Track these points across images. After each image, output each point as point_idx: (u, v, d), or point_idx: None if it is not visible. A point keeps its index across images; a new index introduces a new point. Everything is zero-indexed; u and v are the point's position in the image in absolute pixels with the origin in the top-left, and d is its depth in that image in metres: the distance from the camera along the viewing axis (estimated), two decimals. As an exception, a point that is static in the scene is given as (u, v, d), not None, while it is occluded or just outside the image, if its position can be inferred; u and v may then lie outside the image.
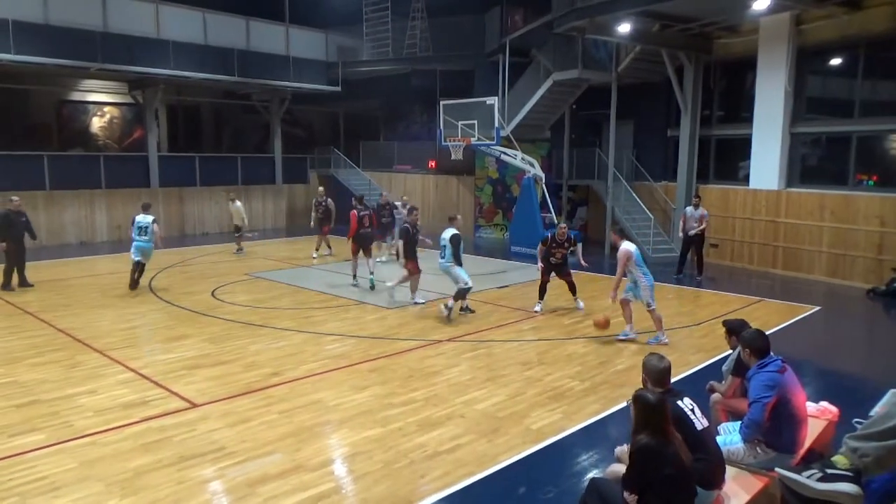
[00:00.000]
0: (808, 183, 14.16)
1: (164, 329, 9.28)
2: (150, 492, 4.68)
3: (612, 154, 16.93)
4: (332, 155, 25.03)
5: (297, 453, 5.33)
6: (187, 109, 24.37)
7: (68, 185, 18.28)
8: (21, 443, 5.46)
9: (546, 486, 4.88)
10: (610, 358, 8.08)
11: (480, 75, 20.76)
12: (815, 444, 4.76)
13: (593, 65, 17.05)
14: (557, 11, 14.71)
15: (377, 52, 22.42)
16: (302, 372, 7.40)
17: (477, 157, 20.18)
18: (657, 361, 4.07)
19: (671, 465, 3.44)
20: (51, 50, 16.18)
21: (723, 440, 4.40)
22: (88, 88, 21.11)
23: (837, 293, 12.50)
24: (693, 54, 15.18)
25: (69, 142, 21.00)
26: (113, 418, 5.99)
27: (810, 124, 14.31)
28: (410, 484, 4.87)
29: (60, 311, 10.18)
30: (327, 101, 24.67)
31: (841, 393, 6.54)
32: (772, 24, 13.84)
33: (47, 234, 17.93)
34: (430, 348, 8.42)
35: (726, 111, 16.38)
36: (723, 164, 16.22)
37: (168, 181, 20.15)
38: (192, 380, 7.09)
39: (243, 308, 10.56)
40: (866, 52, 13.10)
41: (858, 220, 12.90)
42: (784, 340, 8.72)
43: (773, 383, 4.33)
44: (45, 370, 7.37)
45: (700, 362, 7.87)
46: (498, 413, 6.25)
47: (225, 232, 20.97)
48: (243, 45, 20.19)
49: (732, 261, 15.27)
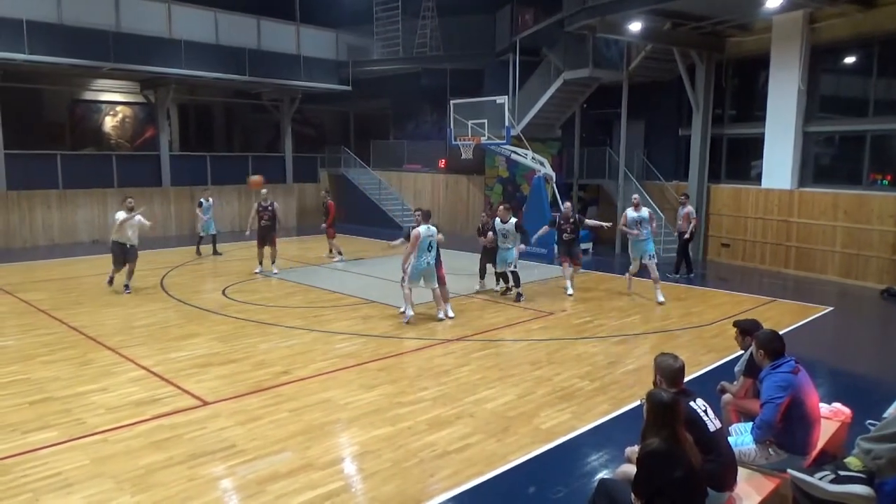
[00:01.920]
0: (822, 182, 14.03)
1: (175, 327, 9.33)
2: (161, 489, 4.70)
3: (623, 153, 16.86)
4: (343, 154, 25.10)
5: (306, 452, 5.34)
6: (199, 109, 24.52)
7: (81, 184, 18.44)
8: (34, 439, 5.50)
9: (555, 486, 4.86)
10: (619, 358, 8.04)
11: (491, 74, 20.72)
12: (828, 445, 4.72)
13: (604, 63, 16.98)
14: (568, 10, 14.65)
15: (387, 52, 22.45)
16: (311, 371, 7.41)
17: (487, 157, 20.14)
18: (672, 361, 4.03)
19: (681, 467, 3.41)
20: (64, 50, 16.32)
21: (734, 441, 4.36)
22: (101, 88, 21.28)
23: (851, 293, 12.38)
24: (705, 53, 15.08)
25: (82, 141, 21.19)
26: (124, 416, 6.03)
27: (824, 123, 14.19)
28: (420, 483, 4.86)
29: (72, 309, 10.26)
30: (338, 101, 24.74)
31: (854, 394, 6.47)
32: (785, 22, 13.73)
33: (60, 232, 18.12)
34: (440, 347, 8.42)
35: (738, 110, 16.26)
36: (735, 163, 16.10)
37: (179, 180, 20.28)
38: (202, 378, 7.13)
39: (253, 306, 10.59)
40: (881, 50, 12.97)
41: (872, 219, 12.77)
42: (797, 341, 8.63)
43: (786, 384, 4.29)
44: (57, 367, 7.42)
45: (711, 362, 7.82)
46: (507, 413, 6.23)
47: (236, 231, 21.09)
48: (254, 44, 20.27)
49: (744, 260, 15.16)
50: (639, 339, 8.88)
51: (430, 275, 9.55)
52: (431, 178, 23.08)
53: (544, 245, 14.68)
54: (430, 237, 9.39)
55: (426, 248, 9.34)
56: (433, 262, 9.48)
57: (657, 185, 17.23)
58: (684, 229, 13.52)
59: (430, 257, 9.39)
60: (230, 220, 21.29)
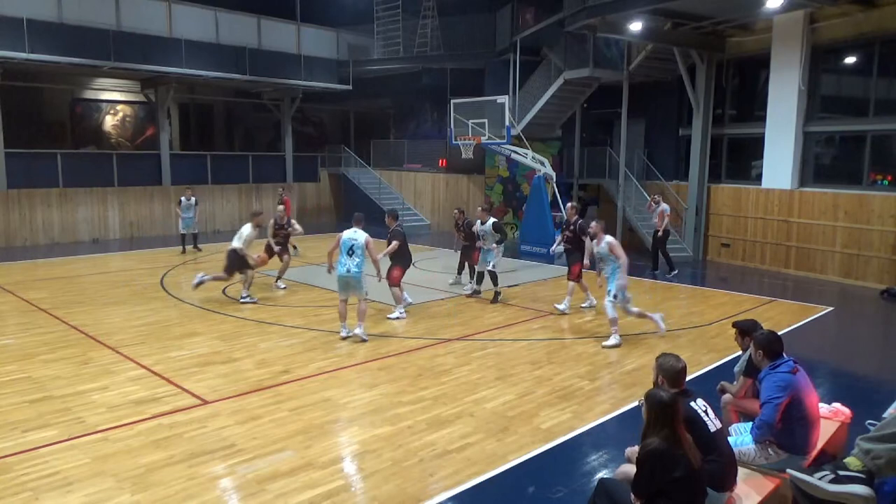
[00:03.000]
0: (822, 182, 14.03)
1: (176, 326, 9.33)
2: (161, 488, 4.71)
3: (624, 153, 16.86)
4: (343, 153, 25.10)
5: (306, 451, 5.35)
6: (199, 108, 24.51)
7: (81, 183, 18.42)
8: (34, 438, 5.51)
9: (555, 485, 4.86)
10: (619, 358, 8.05)
11: (491, 74, 20.73)
12: (828, 445, 4.73)
13: (604, 63, 16.98)
14: (569, 10, 14.65)
15: (388, 51, 22.43)
16: (311, 370, 7.42)
17: (487, 156, 20.15)
18: (674, 362, 4.04)
19: (681, 467, 3.42)
20: (64, 49, 16.30)
21: (734, 441, 4.37)
22: (101, 87, 21.27)
23: (851, 293, 12.39)
24: (705, 52, 15.07)
25: (82, 140, 21.19)
26: (124, 414, 6.04)
27: (824, 123, 14.19)
28: (419, 482, 4.87)
29: (73, 308, 10.26)
30: (338, 100, 24.72)
31: (854, 394, 6.48)
32: (785, 21, 13.72)
33: (60, 231, 18.11)
34: (440, 347, 8.42)
35: (739, 110, 16.27)
36: (735, 163, 16.11)
37: (180, 179, 20.25)
38: (202, 377, 7.13)
39: (254, 306, 10.59)
40: (881, 50, 12.96)
41: (873, 219, 12.77)
42: (796, 341, 8.66)
43: (786, 384, 4.30)
44: (57, 366, 7.42)
45: (711, 362, 7.82)
46: (507, 412, 6.24)
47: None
48: (255, 43, 20.27)
49: (744, 261, 15.17)
50: (639, 339, 8.87)
51: (351, 285, 8.49)
52: (432, 178, 23.08)
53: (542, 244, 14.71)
54: (353, 241, 8.39)
55: (346, 251, 8.42)
56: (355, 271, 8.38)
57: (657, 184, 17.22)
58: (659, 227, 13.72)
59: (350, 264, 8.36)
60: (230, 220, 21.32)
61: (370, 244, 8.43)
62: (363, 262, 8.44)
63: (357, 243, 8.38)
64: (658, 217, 13.76)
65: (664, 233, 13.76)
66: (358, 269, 8.39)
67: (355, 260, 8.37)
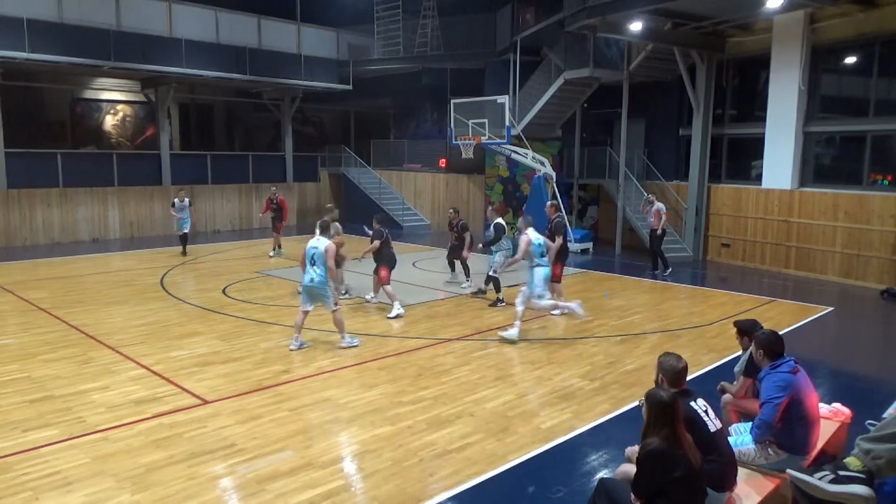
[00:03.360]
0: (822, 182, 14.03)
1: (176, 326, 9.33)
2: (161, 488, 4.71)
3: (624, 153, 16.85)
4: (343, 153, 25.10)
5: (306, 451, 5.35)
6: (199, 108, 24.50)
7: (81, 183, 18.44)
8: (34, 438, 5.51)
9: (555, 485, 4.86)
10: (619, 357, 8.05)
11: (491, 74, 20.72)
12: (828, 445, 4.73)
13: (605, 63, 16.98)
14: (569, 9, 14.65)
15: (388, 51, 22.44)
16: (312, 370, 7.42)
17: (487, 156, 20.14)
18: (675, 362, 4.04)
19: (681, 467, 3.42)
20: (65, 48, 16.31)
21: (734, 441, 4.37)
22: (101, 87, 21.27)
23: (851, 294, 12.38)
24: (705, 53, 15.08)
25: (82, 139, 21.17)
26: (125, 414, 6.04)
27: (824, 123, 14.18)
28: (420, 482, 4.87)
29: (73, 308, 10.26)
30: (338, 100, 24.73)
31: (854, 394, 6.48)
32: (785, 22, 13.72)
33: (60, 230, 18.12)
34: (440, 347, 8.42)
35: (739, 110, 16.26)
36: (735, 163, 16.11)
37: (180, 179, 20.24)
38: (202, 377, 7.13)
39: (254, 306, 10.60)
40: (882, 50, 12.96)
41: (873, 220, 12.77)
42: (796, 341, 8.65)
43: (786, 384, 4.30)
44: (57, 366, 7.43)
45: (711, 362, 7.82)
46: (507, 412, 6.24)
47: (237, 230, 21.11)
48: (255, 43, 20.28)
49: (744, 261, 15.17)
50: (639, 339, 8.88)
51: (315, 295, 8.17)
52: (432, 178, 23.09)
53: None
54: (315, 250, 8.08)
55: (309, 261, 8.13)
56: (318, 281, 8.05)
57: (658, 184, 17.23)
58: (655, 226, 13.72)
59: (314, 273, 8.05)
60: (230, 219, 21.33)
61: (329, 252, 8.05)
62: (326, 272, 8.07)
63: (317, 252, 8.05)
64: (654, 216, 13.77)
65: (662, 232, 13.76)
66: (321, 278, 8.02)
67: (318, 269, 8.03)
